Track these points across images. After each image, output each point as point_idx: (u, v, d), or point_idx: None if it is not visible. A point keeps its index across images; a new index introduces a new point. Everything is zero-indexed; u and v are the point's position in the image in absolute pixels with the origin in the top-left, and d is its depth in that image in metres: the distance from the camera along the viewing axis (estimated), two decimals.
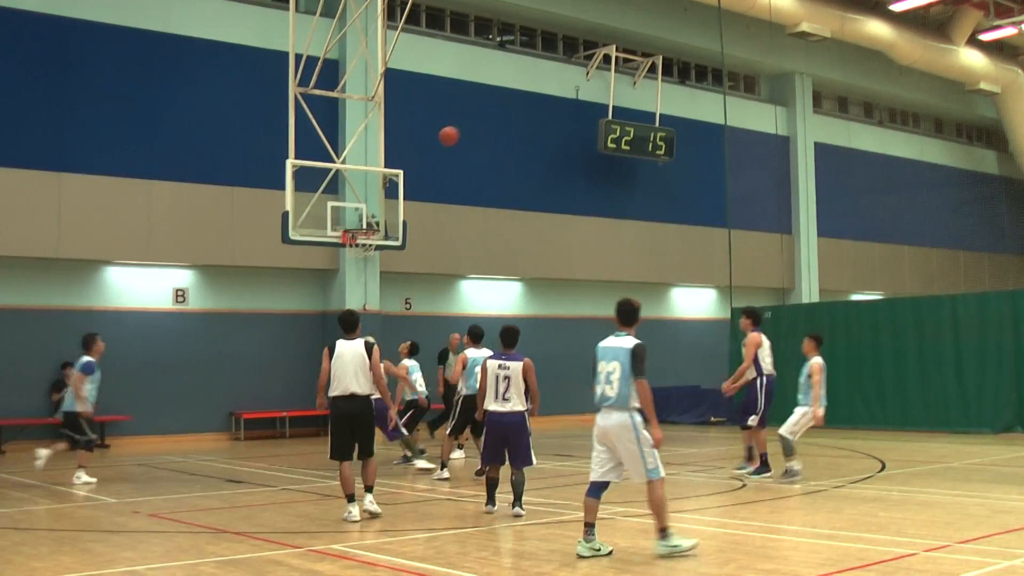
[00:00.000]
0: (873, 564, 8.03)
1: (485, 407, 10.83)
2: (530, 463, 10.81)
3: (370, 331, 22.51)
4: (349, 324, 11.02)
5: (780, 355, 24.08)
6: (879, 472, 14.39)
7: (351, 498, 10.67)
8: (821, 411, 13.42)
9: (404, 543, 9.36)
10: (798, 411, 13.54)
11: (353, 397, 10.69)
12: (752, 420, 13.96)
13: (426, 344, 23.92)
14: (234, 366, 22.07)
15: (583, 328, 26.88)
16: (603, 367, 8.72)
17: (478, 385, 11.20)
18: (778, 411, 14.54)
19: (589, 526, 8.53)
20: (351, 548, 9.08)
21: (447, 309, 25.16)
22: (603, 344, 8.87)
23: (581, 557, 8.41)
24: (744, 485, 13.05)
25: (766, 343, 14.36)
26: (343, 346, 10.83)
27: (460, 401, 14.24)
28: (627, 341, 8.72)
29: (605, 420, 8.66)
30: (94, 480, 14.39)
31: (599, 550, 8.51)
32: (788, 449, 13.33)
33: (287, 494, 13.07)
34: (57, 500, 12.86)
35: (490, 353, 11.56)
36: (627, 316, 8.94)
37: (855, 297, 33.33)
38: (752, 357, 14.15)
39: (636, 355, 8.59)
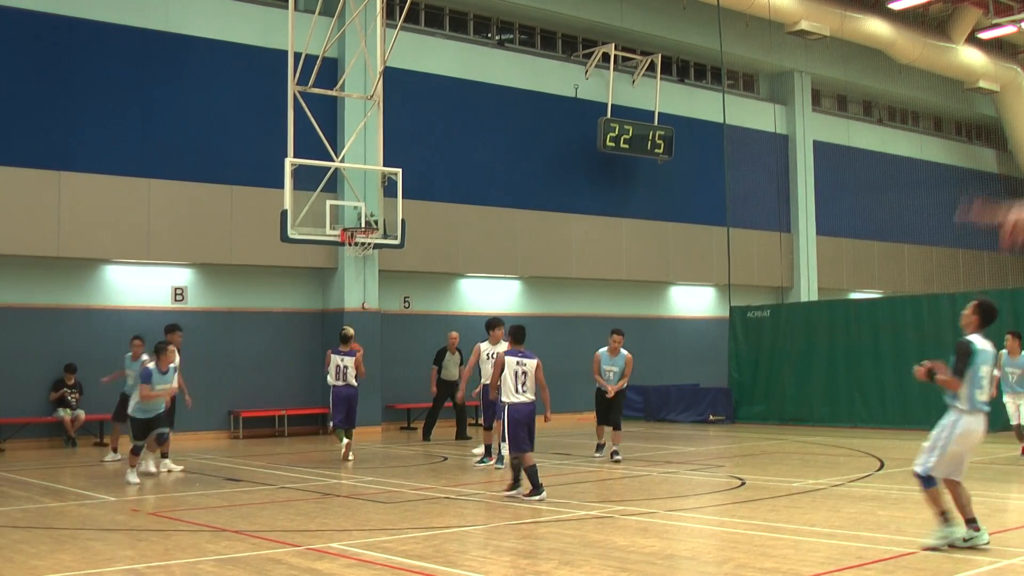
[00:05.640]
0: (872, 563, 8.03)
1: (505, 400, 11.90)
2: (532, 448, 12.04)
3: (370, 330, 22.70)
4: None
5: (779, 354, 24.36)
6: (878, 471, 14.40)
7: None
8: None
9: (403, 541, 9.35)
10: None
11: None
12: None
13: (426, 342, 24.00)
14: (233, 365, 22.06)
15: (582, 326, 26.90)
16: (987, 371, 8.61)
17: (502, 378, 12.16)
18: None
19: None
20: (350, 546, 9.08)
21: (446, 308, 25.15)
22: (985, 347, 8.68)
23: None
24: (743, 484, 13.05)
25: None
26: None
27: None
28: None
29: (983, 425, 8.65)
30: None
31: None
32: None
33: (286, 492, 13.07)
34: (56, 498, 12.86)
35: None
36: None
37: (854, 296, 33.33)
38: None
39: None
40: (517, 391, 11.85)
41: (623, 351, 16.26)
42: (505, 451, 12.10)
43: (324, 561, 8.47)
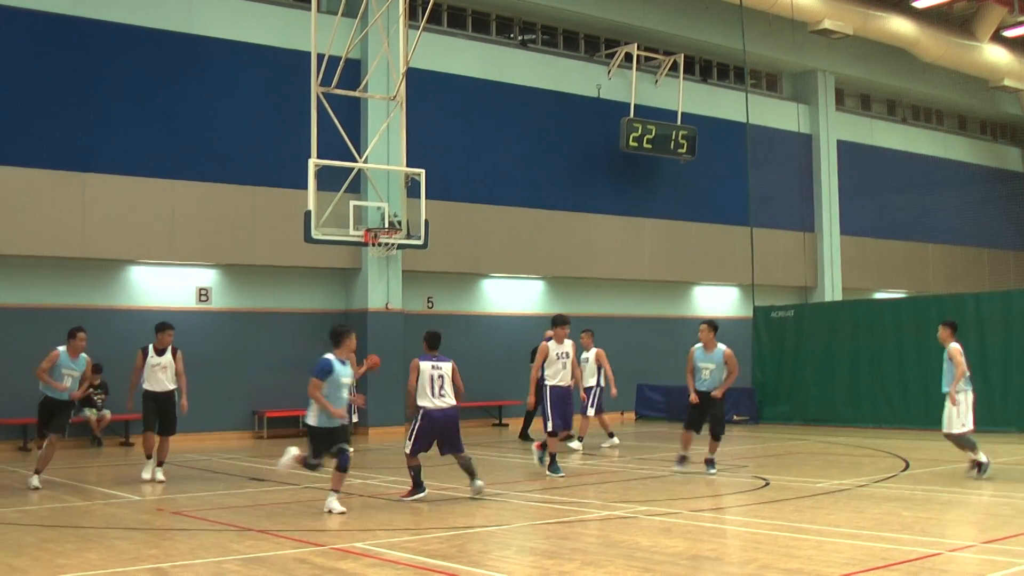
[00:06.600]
0: (897, 564, 7.99)
1: (421, 404, 11.86)
2: (463, 448, 12.08)
3: (393, 330, 22.74)
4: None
5: (803, 354, 24.28)
6: (903, 471, 14.32)
7: (149, 456, 14.36)
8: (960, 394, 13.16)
9: (427, 541, 9.38)
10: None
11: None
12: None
13: (449, 342, 23.99)
14: (257, 365, 22.16)
15: (605, 327, 26.87)
16: None
17: (418, 383, 11.95)
18: None
19: None
20: (374, 546, 9.11)
21: (469, 308, 25.19)
22: None
23: None
24: (767, 484, 13.01)
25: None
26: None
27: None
28: None
29: None
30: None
31: None
32: (970, 444, 13.16)
33: (310, 492, 13.12)
34: (82, 497, 12.95)
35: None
36: None
37: (878, 295, 33.17)
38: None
39: None
40: (433, 395, 11.83)
41: (720, 345, 13.99)
42: (408, 448, 11.99)
43: (348, 561, 8.50)
